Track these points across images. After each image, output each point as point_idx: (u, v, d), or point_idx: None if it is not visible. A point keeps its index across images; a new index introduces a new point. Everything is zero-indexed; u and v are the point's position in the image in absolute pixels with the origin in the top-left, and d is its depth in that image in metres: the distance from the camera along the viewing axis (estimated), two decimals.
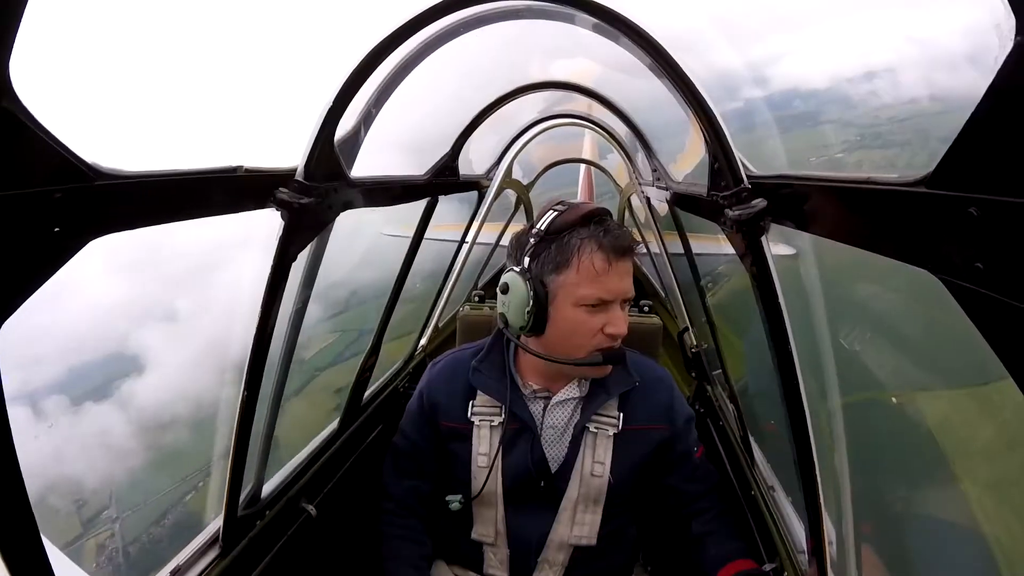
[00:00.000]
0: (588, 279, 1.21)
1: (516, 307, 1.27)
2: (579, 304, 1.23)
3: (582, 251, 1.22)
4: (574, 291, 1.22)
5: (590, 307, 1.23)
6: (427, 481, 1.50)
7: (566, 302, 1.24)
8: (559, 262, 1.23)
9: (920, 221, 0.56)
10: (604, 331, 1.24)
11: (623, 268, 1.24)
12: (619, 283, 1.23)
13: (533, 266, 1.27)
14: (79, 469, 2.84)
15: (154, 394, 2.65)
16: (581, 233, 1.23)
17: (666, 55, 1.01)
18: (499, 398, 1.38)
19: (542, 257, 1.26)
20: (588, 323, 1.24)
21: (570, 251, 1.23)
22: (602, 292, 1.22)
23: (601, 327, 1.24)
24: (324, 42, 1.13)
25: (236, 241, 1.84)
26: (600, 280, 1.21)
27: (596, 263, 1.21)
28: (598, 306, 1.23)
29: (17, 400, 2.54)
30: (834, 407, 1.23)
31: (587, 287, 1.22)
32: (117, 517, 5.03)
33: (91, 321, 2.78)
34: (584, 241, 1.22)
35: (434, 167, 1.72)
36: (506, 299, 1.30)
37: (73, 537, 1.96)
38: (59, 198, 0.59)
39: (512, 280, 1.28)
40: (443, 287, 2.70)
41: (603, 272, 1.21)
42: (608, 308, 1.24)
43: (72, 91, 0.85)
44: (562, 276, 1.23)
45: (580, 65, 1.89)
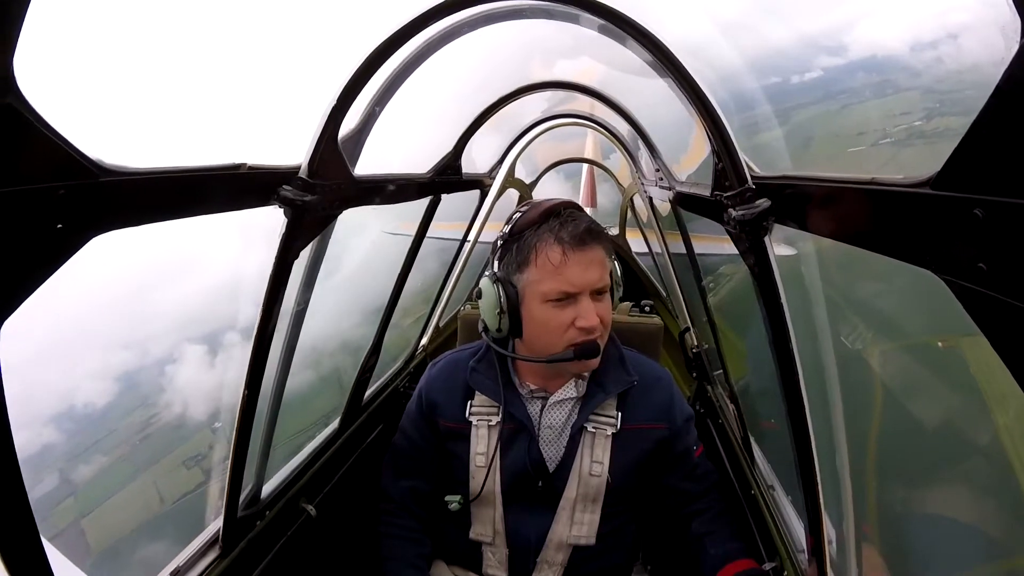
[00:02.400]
0: (548, 274, 1.22)
1: (488, 310, 1.29)
2: (545, 300, 1.23)
3: (538, 246, 1.23)
4: (537, 288, 1.23)
5: (556, 302, 1.23)
6: (426, 481, 1.50)
7: (533, 300, 1.24)
8: (520, 261, 1.25)
9: (924, 222, 0.56)
10: (575, 325, 1.23)
11: (584, 258, 1.22)
12: (581, 274, 1.22)
13: (500, 268, 1.29)
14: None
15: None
16: (540, 229, 1.24)
17: (670, 55, 1.01)
18: (496, 398, 1.38)
19: (507, 259, 1.28)
20: (557, 318, 1.23)
21: (528, 248, 1.24)
22: (563, 285, 1.21)
23: (571, 321, 1.23)
24: (328, 40, 1.14)
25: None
26: (560, 273, 1.21)
27: (551, 257, 1.21)
28: (564, 300, 1.23)
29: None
30: (835, 406, 1.23)
31: (548, 282, 1.22)
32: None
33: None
34: (541, 236, 1.23)
35: (437, 165, 1.72)
36: (481, 304, 1.32)
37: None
38: (63, 195, 0.59)
39: (484, 284, 1.31)
40: (444, 287, 2.70)
41: (561, 264, 1.21)
42: (577, 301, 1.23)
43: (76, 88, 0.85)
44: (525, 274, 1.24)
45: (583, 65, 1.89)
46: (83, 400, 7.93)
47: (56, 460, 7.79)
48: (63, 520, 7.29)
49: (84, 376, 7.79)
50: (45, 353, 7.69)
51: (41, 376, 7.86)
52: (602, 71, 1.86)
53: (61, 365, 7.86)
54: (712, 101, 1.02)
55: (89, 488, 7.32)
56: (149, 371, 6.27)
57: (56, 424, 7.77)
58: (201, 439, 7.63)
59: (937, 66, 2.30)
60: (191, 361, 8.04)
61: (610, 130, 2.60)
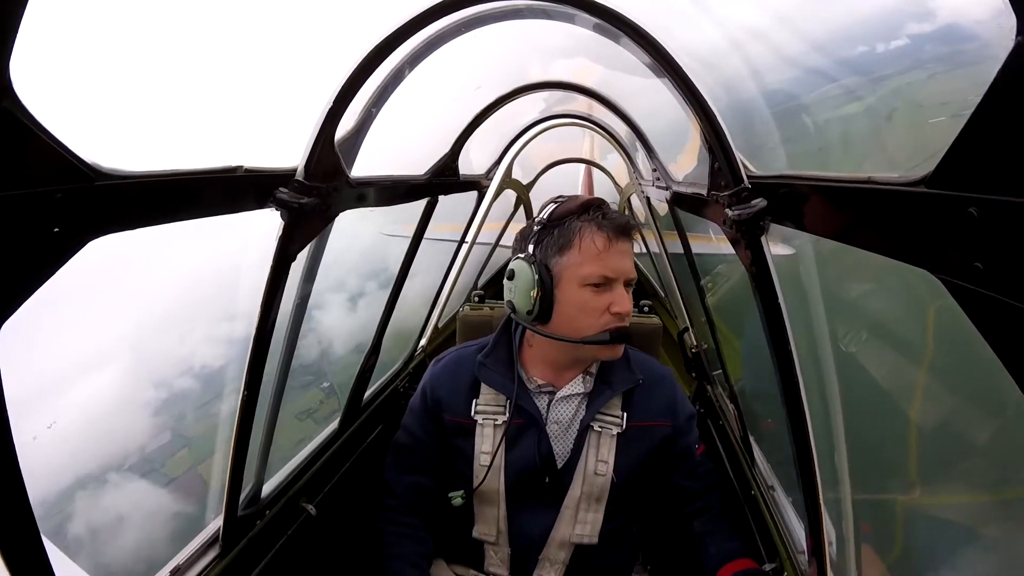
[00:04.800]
0: (591, 258, 1.26)
1: (522, 292, 1.31)
2: (584, 284, 1.27)
3: (583, 232, 1.27)
4: (578, 271, 1.26)
5: (594, 286, 1.27)
6: (429, 477, 1.50)
7: (571, 283, 1.28)
8: (562, 244, 1.28)
9: (920, 221, 0.56)
10: (610, 310, 1.27)
11: (623, 248, 1.28)
12: (620, 261, 1.28)
13: (537, 252, 1.31)
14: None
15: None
16: (582, 218, 1.29)
17: (666, 55, 1.01)
18: (504, 392, 1.39)
19: (545, 243, 1.31)
20: (593, 302, 1.27)
21: (572, 233, 1.28)
22: (605, 270, 1.26)
23: (607, 306, 1.27)
24: (324, 42, 1.13)
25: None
26: (602, 258, 1.26)
27: (597, 242, 1.26)
28: (602, 285, 1.27)
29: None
30: (834, 406, 1.23)
31: (590, 265, 1.26)
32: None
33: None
34: (585, 223, 1.28)
35: (434, 167, 1.72)
36: (512, 285, 1.34)
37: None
38: (59, 198, 0.59)
39: (518, 266, 1.33)
40: (443, 287, 2.69)
41: (604, 250, 1.26)
42: (612, 287, 1.28)
43: (72, 91, 0.85)
44: (565, 257, 1.28)
45: (580, 65, 1.89)
46: (200, 363, 8.60)
47: (174, 413, 8.44)
48: (181, 467, 7.87)
49: (200, 340, 8.48)
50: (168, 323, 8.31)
51: (163, 344, 8.70)
52: (599, 71, 1.86)
53: (179, 331, 8.56)
54: (708, 99, 1.02)
55: (202, 440, 7.88)
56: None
57: (187, 377, 8.45)
58: (312, 397, 8.16)
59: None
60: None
61: (607, 130, 2.60)
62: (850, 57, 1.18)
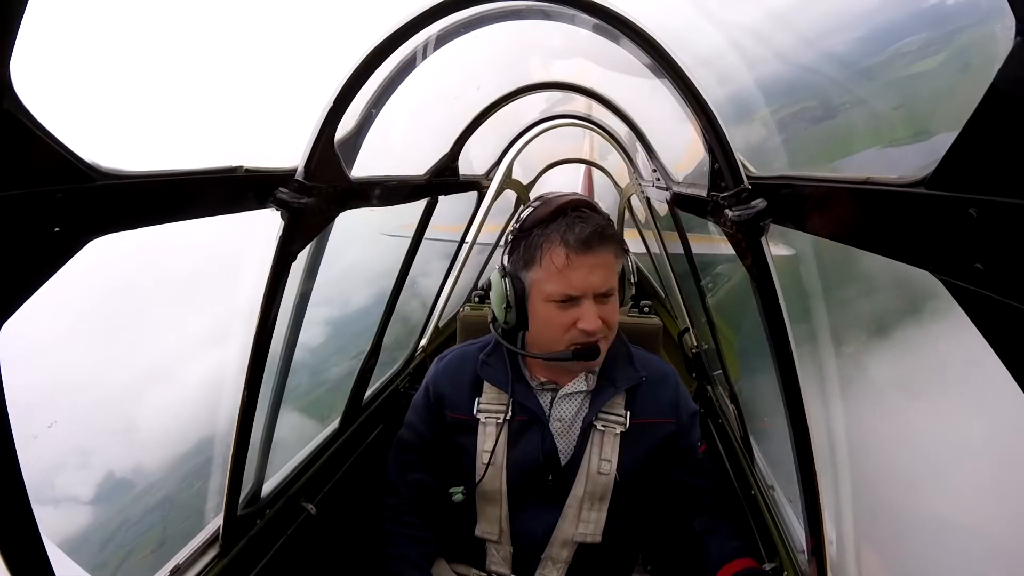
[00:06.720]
0: (551, 275, 1.22)
1: (496, 303, 1.33)
2: (548, 300, 1.24)
3: (544, 247, 1.23)
4: (542, 287, 1.24)
5: (559, 303, 1.23)
6: (432, 474, 1.50)
7: (538, 298, 1.26)
8: (526, 259, 1.26)
9: (920, 222, 0.56)
10: (577, 327, 1.24)
11: (589, 262, 1.22)
12: (584, 278, 1.22)
13: (509, 264, 1.30)
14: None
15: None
16: (548, 228, 1.24)
17: (666, 55, 1.01)
18: (506, 389, 1.39)
19: (515, 255, 1.29)
20: (559, 319, 1.24)
21: (535, 247, 1.24)
22: (565, 288, 1.22)
23: (572, 322, 1.24)
24: (324, 42, 1.13)
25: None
26: (563, 276, 1.21)
27: (555, 259, 1.22)
28: (567, 302, 1.23)
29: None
30: (834, 406, 1.23)
31: (551, 283, 1.23)
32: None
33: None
34: (547, 236, 1.23)
35: (434, 167, 1.72)
36: (491, 295, 1.35)
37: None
38: (60, 198, 0.59)
39: (493, 277, 1.33)
40: (443, 287, 2.69)
41: (564, 268, 1.21)
42: (580, 303, 1.23)
43: (72, 91, 0.85)
44: (531, 272, 1.26)
45: (580, 65, 1.89)
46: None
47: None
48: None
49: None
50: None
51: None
52: (599, 72, 1.86)
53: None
54: (708, 100, 1.02)
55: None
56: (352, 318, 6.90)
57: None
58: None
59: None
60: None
61: (607, 130, 2.60)
62: (850, 57, 1.17)
